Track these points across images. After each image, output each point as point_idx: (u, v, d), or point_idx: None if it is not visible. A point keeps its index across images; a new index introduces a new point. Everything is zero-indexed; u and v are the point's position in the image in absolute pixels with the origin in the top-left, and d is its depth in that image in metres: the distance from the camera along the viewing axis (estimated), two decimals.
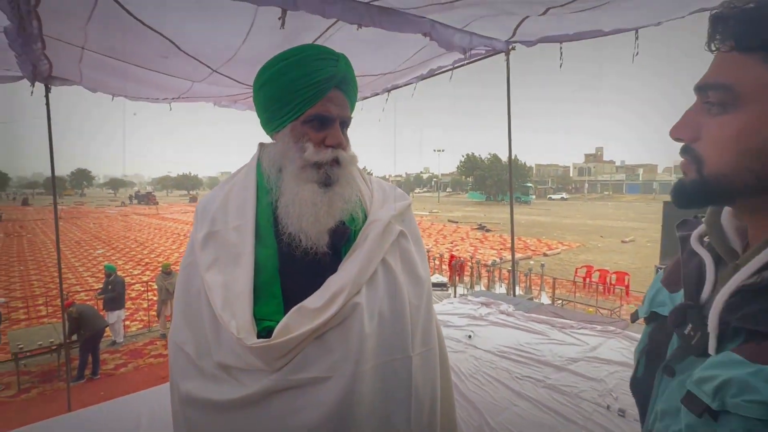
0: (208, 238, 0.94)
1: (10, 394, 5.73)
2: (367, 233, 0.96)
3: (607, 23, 3.05)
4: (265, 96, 0.94)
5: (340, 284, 0.88)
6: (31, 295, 10.52)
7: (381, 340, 0.91)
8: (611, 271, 10.88)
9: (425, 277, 1.05)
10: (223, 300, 0.87)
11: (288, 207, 0.90)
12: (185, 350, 0.92)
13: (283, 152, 0.93)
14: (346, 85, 0.94)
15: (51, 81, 4.03)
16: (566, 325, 3.32)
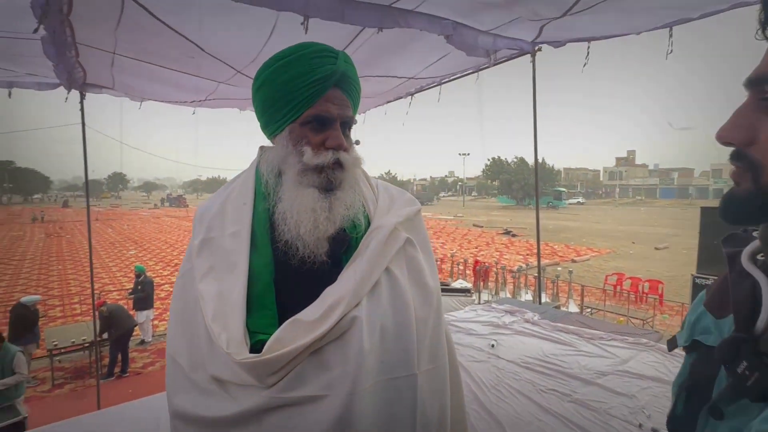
0: (204, 244, 0.91)
1: (45, 389, 5.96)
2: (369, 241, 0.90)
3: (638, 21, 2.92)
4: (262, 98, 0.90)
5: (337, 296, 0.82)
6: (67, 293, 10.97)
7: (383, 357, 0.84)
8: (644, 279, 10.46)
9: (434, 287, 0.97)
10: (214, 311, 0.82)
11: (285, 213, 0.86)
12: (178, 362, 0.87)
13: (281, 156, 0.89)
14: (346, 83, 0.88)
15: (85, 88, 4.18)
16: (595, 336, 3.18)
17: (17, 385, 4.59)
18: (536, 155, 4.62)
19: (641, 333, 3.40)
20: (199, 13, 2.36)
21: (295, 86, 0.84)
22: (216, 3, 2.08)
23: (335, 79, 0.86)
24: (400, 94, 5.05)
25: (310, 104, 0.85)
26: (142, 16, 2.37)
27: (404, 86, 4.71)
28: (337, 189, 0.87)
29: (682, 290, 11.01)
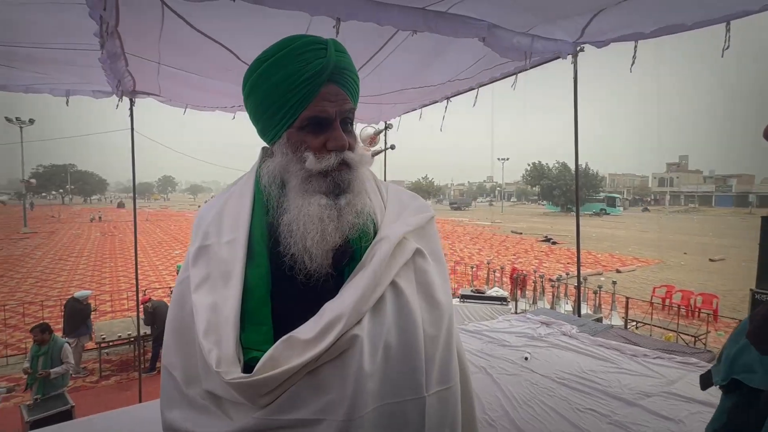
0: (200, 253, 0.86)
1: (93, 380, 6.31)
2: (373, 252, 0.82)
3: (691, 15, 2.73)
4: (253, 105, 0.84)
5: (336, 312, 0.76)
6: (117, 289, 11.61)
7: (387, 379, 0.78)
8: (696, 293, 9.80)
9: (445, 302, 0.89)
10: (207, 325, 0.77)
11: (291, 224, 0.80)
12: (173, 374, 0.84)
13: (283, 165, 0.83)
14: (340, 75, 0.81)
15: (135, 95, 4.42)
16: (638, 353, 2.98)
17: (64, 375, 4.89)
18: (576, 159, 4.43)
19: (691, 351, 3.16)
20: (234, 21, 2.42)
21: (285, 89, 0.78)
22: (249, 9, 2.12)
23: (327, 73, 0.79)
24: (435, 98, 5.00)
25: (304, 106, 0.79)
26: (181, 27, 2.46)
27: (440, 90, 4.65)
28: (347, 191, 0.81)
29: (740, 305, 10.22)
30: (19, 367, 5.52)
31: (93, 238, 25.27)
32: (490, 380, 2.57)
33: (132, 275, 12.17)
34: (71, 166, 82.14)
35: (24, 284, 12.53)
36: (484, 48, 3.36)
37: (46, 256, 17.85)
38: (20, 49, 2.95)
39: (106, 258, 17.64)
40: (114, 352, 7.12)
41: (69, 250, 20.07)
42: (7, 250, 19.38)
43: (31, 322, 8.58)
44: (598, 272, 14.32)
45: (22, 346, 7.27)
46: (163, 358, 0.89)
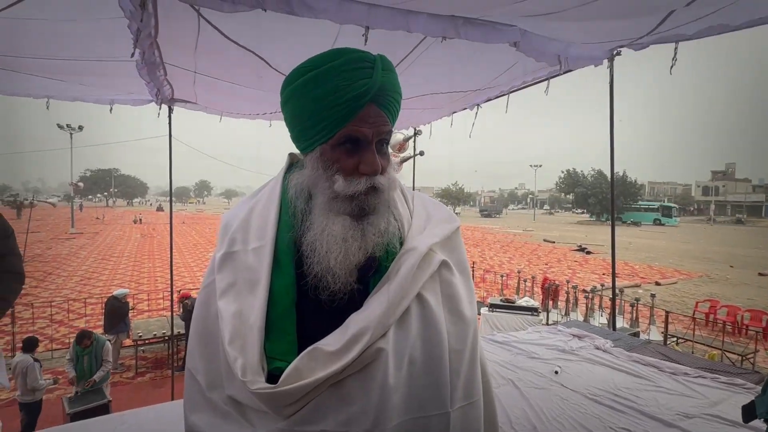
0: (226, 259, 0.86)
1: (130, 376, 6.57)
2: (399, 264, 0.80)
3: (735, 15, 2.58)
4: (290, 113, 0.83)
5: (362, 325, 0.75)
6: (154, 289, 12.07)
7: (412, 393, 0.77)
8: (744, 308, 9.22)
9: (471, 316, 0.87)
10: (232, 332, 0.77)
11: (315, 243, 0.78)
12: (197, 378, 0.84)
13: (312, 180, 0.81)
14: (383, 97, 0.78)
15: (173, 103, 4.60)
16: (678, 371, 2.82)
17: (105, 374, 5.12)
18: (612, 166, 4.27)
19: (737, 371, 2.96)
20: (266, 30, 2.48)
21: (326, 105, 0.76)
22: (280, 18, 2.16)
23: (371, 95, 0.76)
24: (466, 104, 4.95)
25: (342, 125, 0.76)
26: (215, 37, 2.55)
27: (471, 97, 4.61)
28: (371, 214, 0.79)
29: None
30: (63, 361, 5.80)
31: (133, 239, 26.42)
32: (518, 393, 2.49)
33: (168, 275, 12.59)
34: (115, 171, 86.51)
35: (70, 282, 13.22)
36: (515, 55, 3.30)
37: (90, 256, 18.79)
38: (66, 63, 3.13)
39: (144, 258, 18.40)
40: (149, 349, 7.39)
41: (111, 250, 21.06)
42: (56, 249, 20.54)
43: (75, 318, 9.06)
44: (636, 284, 13.73)
45: (66, 341, 7.65)
46: (187, 361, 0.90)
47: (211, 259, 0.92)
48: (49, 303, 9.04)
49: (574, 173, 55.98)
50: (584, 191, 52.48)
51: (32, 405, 4.62)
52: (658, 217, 49.40)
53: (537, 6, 2.37)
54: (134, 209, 72.29)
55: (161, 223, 40.21)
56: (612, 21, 2.72)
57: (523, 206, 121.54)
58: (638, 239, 29.49)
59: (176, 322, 6.39)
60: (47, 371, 6.48)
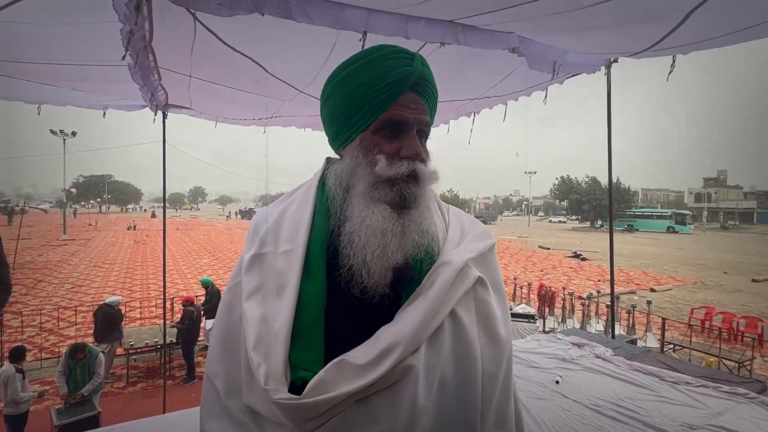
0: (255, 260, 0.83)
1: (120, 386, 6.43)
2: (434, 277, 0.77)
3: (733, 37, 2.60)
4: (332, 107, 0.83)
5: (393, 339, 0.71)
6: (146, 296, 11.91)
7: (441, 416, 0.72)
8: (739, 315, 9.24)
9: (506, 337, 0.82)
10: (257, 337, 0.74)
11: (353, 234, 0.76)
12: (215, 384, 0.81)
13: (351, 168, 0.80)
14: (422, 87, 0.79)
15: (167, 108, 4.55)
16: (680, 380, 2.79)
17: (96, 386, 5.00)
18: (610, 174, 4.26)
19: (738, 381, 2.93)
20: (263, 35, 2.45)
21: (366, 91, 0.77)
22: (277, 23, 2.13)
23: (411, 81, 0.77)
24: (463, 113, 4.94)
25: (383, 109, 0.77)
26: (212, 41, 2.51)
27: (467, 105, 4.60)
28: (412, 207, 0.77)
29: None
30: (53, 371, 5.68)
31: (126, 245, 26.16)
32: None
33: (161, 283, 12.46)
34: (108, 177, 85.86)
35: (60, 289, 13.02)
36: (512, 63, 3.30)
37: (82, 263, 18.56)
38: (59, 67, 3.08)
39: (137, 265, 18.20)
40: (141, 358, 7.26)
41: (104, 257, 20.82)
42: (47, 256, 20.28)
43: (65, 326, 8.90)
44: (631, 291, 13.74)
45: (56, 350, 7.51)
46: (207, 366, 0.86)
47: (239, 260, 0.89)
48: (38, 311, 8.89)
49: (568, 180, 56.31)
50: (579, 198, 52.76)
51: (16, 418, 4.48)
52: (672, 225, 47.10)
53: (533, 10, 2.36)
54: (128, 216, 71.74)
55: (155, 229, 39.89)
56: (607, 33, 2.72)
57: (517, 213, 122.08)
58: (632, 246, 29.64)
59: (169, 331, 6.29)
60: (36, 381, 6.34)
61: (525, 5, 2.25)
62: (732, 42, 2.75)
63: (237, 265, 0.88)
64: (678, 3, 2.12)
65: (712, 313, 9.40)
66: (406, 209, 0.76)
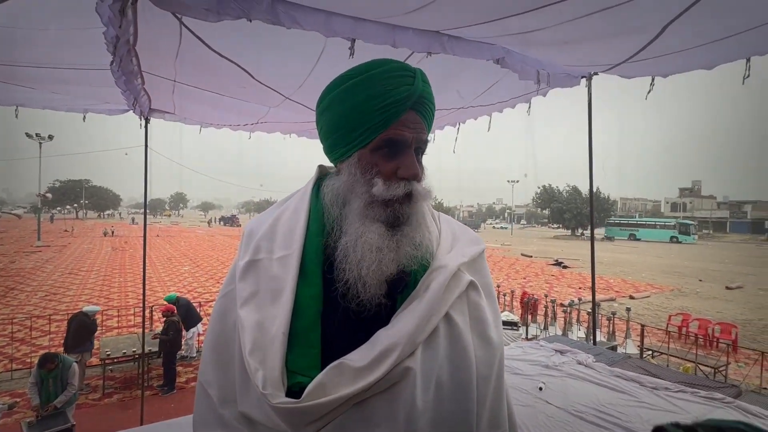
0: (250, 267, 0.83)
1: (96, 398, 6.22)
2: (429, 281, 0.79)
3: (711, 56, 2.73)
4: (330, 120, 0.82)
5: (391, 341, 0.72)
6: (125, 305, 11.60)
7: (438, 418, 0.73)
8: (714, 321, 9.48)
9: (498, 341, 0.84)
10: (253, 343, 0.73)
11: (348, 249, 0.77)
12: (209, 392, 0.80)
13: (348, 185, 0.80)
14: (422, 105, 0.80)
15: (151, 113, 4.48)
16: (659, 386, 2.85)
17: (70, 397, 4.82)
18: (591, 183, 4.36)
19: (715, 386, 3.00)
20: (250, 41, 2.44)
21: (367, 109, 0.77)
22: (265, 29, 2.13)
23: (412, 101, 0.78)
24: (449, 122, 5.00)
25: (383, 128, 0.77)
26: (197, 46, 2.49)
27: (454, 115, 4.66)
28: (404, 225, 0.78)
29: (761, 336, 9.87)
30: (24, 382, 5.47)
31: (104, 252, 25.50)
32: None
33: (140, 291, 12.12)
34: (86, 182, 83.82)
35: (34, 297, 12.58)
36: (497, 74, 3.37)
37: (57, 270, 18.00)
38: (39, 71, 3.01)
39: (115, 273, 17.74)
40: (118, 369, 7.04)
41: (80, 264, 20.24)
42: (20, 263, 19.60)
43: (38, 336, 8.59)
44: (611, 298, 14.00)
45: (28, 360, 7.24)
46: (200, 374, 0.85)
47: (232, 267, 0.89)
48: (10, 320, 8.56)
49: (550, 189, 57.32)
50: (560, 206, 53.71)
51: None
52: (675, 235, 46.20)
53: (517, 24, 2.41)
54: (105, 222, 69.98)
55: (134, 236, 39.02)
56: (588, 45, 2.80)
57: (500, 220, 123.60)
58: (612, 254, 30.25)
59: (147, 340, 6.13)
60: (6, 393, 6.09)
61: (507, 19, 2.30)
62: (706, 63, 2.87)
63: (230, 272, 0.88)
64: (655, 17, 2.20)
65: (689, 319, 9.63)
66: (399, 227, 0.78)
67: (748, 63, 2.84)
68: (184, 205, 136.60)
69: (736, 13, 2.17)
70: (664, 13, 2.14)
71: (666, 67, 3.04)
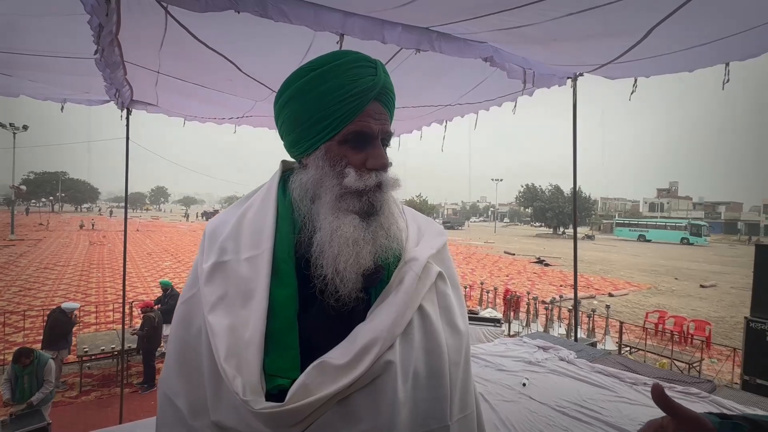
0: (215, 269, 0.78)
1: (73, 395, 6.07)
2: (402, 274, 0.79)
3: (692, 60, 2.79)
4: (292, 114, 0.80)
5: (370, 336, 0.72)
6: (103, 301, 11.34)
7: (416, 408, 0.75)
8: (689, 319, 9.77)
9: (464, 329, 0.87)
10: (227, 348, 0.70)
11: (324, 245, 0.75)
12: (177, 404, 0.76)
13: (317, 179, 0.79)
14: (386, 96, 0.80)
15: (132, 105, 4.37)
16: (638, 381, 2.92)
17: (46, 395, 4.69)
18: (575, 182, 4.43)
19: (691, 381, 3.10)
20: (237, 33, 2.40)
21: (332, 100, 0.75)
22: (253, 22, 2.10)
23: (377, 91, 0.78)
24: (435, 119, 5.01)
25: (350, 119, 0.76)
26: (183, 37, 2.44)
27: (442, 112, 4.67)
28: (379, 214, 0.78)
29: (732, 333, 10.20)
30: None
31: (81, 247, 24.86)
32: (488, 407, 2.49)
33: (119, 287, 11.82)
34: (63, 174, 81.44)
35: (6, 293, 12.19)
36: (484, 72, 3.39)
37: (32, 265, 17.47)
38: (17, 57, 2.90)
39: (93, 268, 17.31)
40: (96, 366, 6.89)
41: (56, 258, 19.69)
42: None
43: (12, 332, 8.33)
44: (591, 295, 14.29)
45: (1, 357, 7.02)
46: (164, 385, 0.81)
47: (193, 270, 0.85)
48: None
49: (532, 188, 58.09)
50: (542, 205, 54.51)
51: None
52: (686, 236, 43.98)
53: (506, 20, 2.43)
54: (83, 215, 68.12)
55: (112, 230, 38.12)
56: (575, 45, 2.84)
57: (484, 219, 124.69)
58: (592, 252, 30.85)
59: (127, 336, 6.01)
60: None
61: (496, 15, 2.31)
62: (687, 66, 2.95)
63: (190, 276, 0.84)
64: (641, 20, 2.24)
65: (665, 317, 9.90)
66: (374, 216, 0.78)
67: (727, 68, 2.93)
68: (165, 200, 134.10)
69: (717, 20, 2.22)
70: (650, 16, 2.18)
71: (649, 70, 3.11)
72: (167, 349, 0.84)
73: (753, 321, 6.05)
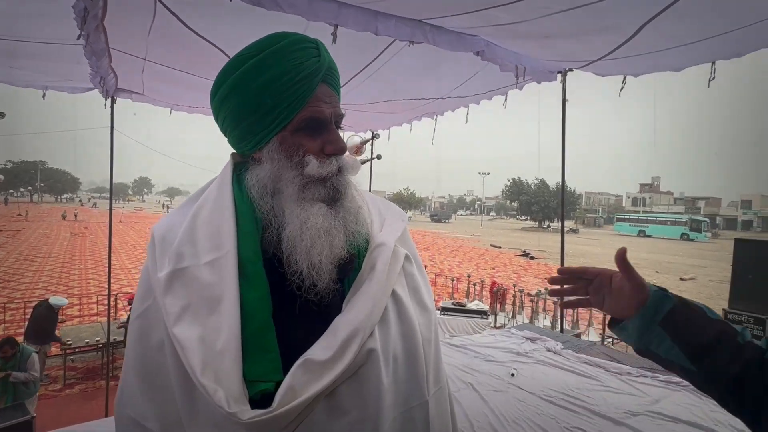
0: (174, 278, 0.71)
1: (56, 388, 5.98)
2: (374, 260, 0.78)
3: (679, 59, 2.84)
4: (236, 107, 0.75)
5: (351, 327, 0.70)
6: (86, 293, 11.15)
7: (398, 389, 0.76)
8: None
9: (431, 306, 0.89)
10: (202, 362, 0.65)
11: (294, 239, 0.72)
12: (147, 427, 0.71)
13: (275, 174, 0.75)
14: (332, 77, 0.78)
15: (117, 93, 4.27)
16: (622, 371, 3.00)
17: (27, 384, 4.61)
18: (563, 177, 4.49)
19: None
20: (228, 21, 2.36)
21: (279, 87, 0.71)
22: (245, 10, 2.06)
23: (323, 73, 0.75)
24: (425, 113, 5.01)
25: (300, 106, 0.73)
26: (172, 23, 2.39)
27: (431, 105, 4.67)
28: (343, 198, 0.77)
29: None
30: None
31: (63, 238, 24.33)
32: (477, 397, 2.53)
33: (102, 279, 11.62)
34: (42, 163, 79.37)
35: None
36: (475, 66, 3.40)
37: (11, 256, 17.05)
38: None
39: (75, 260, 16.98)
40: (80, 358, 6.78)
41: (36, 250, 19.25)
42: None
43: None
44: None
45: None
46: (125, 407, 0.74)
47: (143, 281, 0.78)
48: None
49: (519, 182, 58.66)
50: (528, 199, 55.12)
51: None
52: (686, 232, 43.59)
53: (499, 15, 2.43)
54: (63, 206, 66.58)
55: (94, 221, 37.36)
56: (567, 41, 2.86)
57: (471, 212, 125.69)
58: (576, 246, 31.36)
59: (113, 329, 5.92)
60: None
61: (489, 10, 2.32)
62: (675, 65, 3.00)
63: (140, 288, 0.78)
64: (632, 17, 2.27)
65: None
66: (339, 201, 0.76)
67: (713, 66, 2.99)
68: (149, 190, 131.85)
69: (705, 18, 2.26)
70: (641, 13, 2.21)
71: (638, 67, 3.15)
72: (124, 368, 0.77)
73: (731, 313, 6.25)
